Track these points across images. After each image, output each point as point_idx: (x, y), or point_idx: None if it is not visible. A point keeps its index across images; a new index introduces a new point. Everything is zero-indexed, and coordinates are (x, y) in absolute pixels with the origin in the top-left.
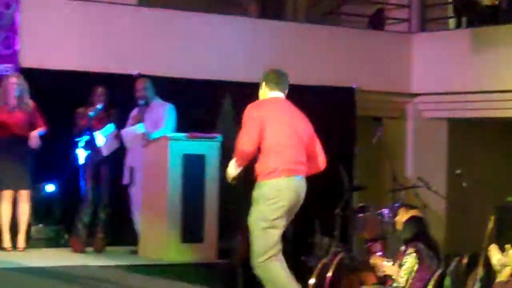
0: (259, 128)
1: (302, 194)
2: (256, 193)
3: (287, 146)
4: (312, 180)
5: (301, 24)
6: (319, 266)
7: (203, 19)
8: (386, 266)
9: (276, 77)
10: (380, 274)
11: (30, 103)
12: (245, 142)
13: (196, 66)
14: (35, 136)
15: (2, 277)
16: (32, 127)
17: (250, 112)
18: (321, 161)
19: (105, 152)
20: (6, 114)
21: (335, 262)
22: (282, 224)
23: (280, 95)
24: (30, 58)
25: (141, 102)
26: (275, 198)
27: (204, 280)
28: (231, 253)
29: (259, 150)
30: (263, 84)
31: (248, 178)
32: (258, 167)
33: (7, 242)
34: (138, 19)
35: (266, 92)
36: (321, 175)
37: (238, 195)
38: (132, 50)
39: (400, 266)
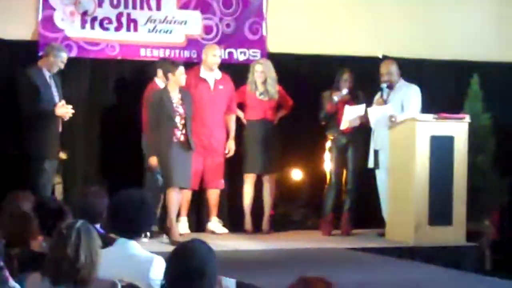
0: None
1: None
2: None
3: None
4: None
5: None
6: None
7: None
8: None
9: None
10: None
11: (277, 88)
12: None
13: (442, 46)
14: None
15: (247, 258)
16: (280, 109)
17: None
18: None
19: (343, 126)
20: (255, 98)
21: None
22: None
23: None
24: (277, 43)
25: (385, 84)
26: None
27: (452, 263)
28: (479, 236)
29: None
30: None
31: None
32: None
33: (248, 225)
34: (382, 1)
35: None
36: None
37: (487, 177)
38: (375, 32)
39: None
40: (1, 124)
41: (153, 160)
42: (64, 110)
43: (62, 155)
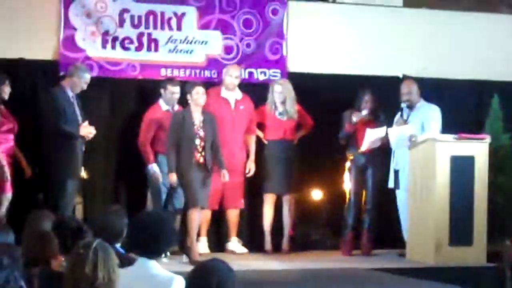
0: None
1: None
2: None
3: None
4: None
5: None
6: None
7: (467, 18)
8: None
9: None
10: None
11: (296, 108)
12: None
13: (462, 66)
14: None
15: (267, 278)
16: (300, 129)
17: None
18: None
19: (364, 148)
20: (274, 118)
21: None
22: None
23: None
24: (297, 63)
25: (406, 104)
26: None
27: (473, 284)
28: (500, 256)
29: None
30: None
31: None
32: None
33: (268, 245)
34: (402, 20)
35: None
36: None
37: (507, 197)
38: (396, 52)
39: None
40: (22, 144)
41: (172, 177)
42: (88, 130)
43: (83, 175)
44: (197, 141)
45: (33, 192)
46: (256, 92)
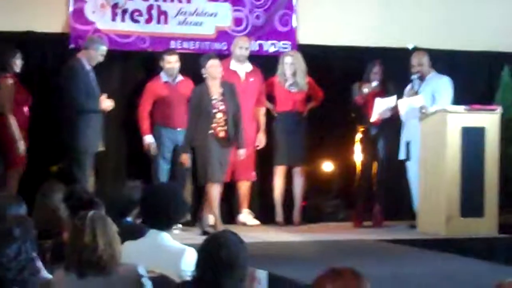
0: None
1: None
2: None
3: None
4: None
5: None
6: None
7: None
8: None
9: None
10: None
11: (306, 80)
12: None
13: (473, 38)
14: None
15: (279, 250)
16: (310, 101)
17: None
18: None
19: (374, 118)
20: (284, 90)
21: None
22: None
23: None
24: (307, 34)
25: (416, 76)
26: None
27: (484, 255)
28: (511, 228)
29: None
30: None
31: None
32: None
33: (279, 216)
34: None
35: None
36: None
37: None
38: (407, 23)
39: None
40: (35, 117)
41: (183, 157)
42: (107, 104)
43: (101, 147)
44: (219, 115)
45: (47, 164)
46: (265, 64)
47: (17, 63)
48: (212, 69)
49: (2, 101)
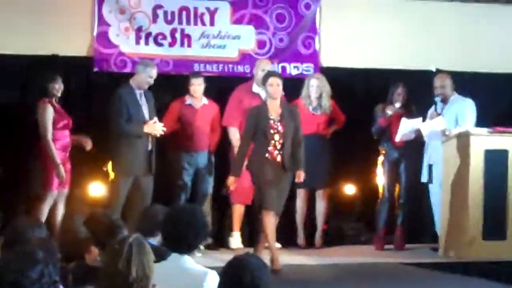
0: None
1: None
2: None
3: None
4: None
5: None
6: None
7: (500, 11)
8: None
9: None
10: None
11: (330, 103)
12: None
13: (496, 59)
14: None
15: (300, 273)
16: (332, 124)
17: None
18: None
19: (398, 138)
20: (308, 113)
21: None
22: None
23: None
24: (330, 57)
25: (439, 98)
26: None
27: (507, 278)
28: None
29: None
30: None
31: None
32: None
33: (301, 239)
34: (435, 13)
35: None
36: None
37: None
38: (430, 45)
39: None
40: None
41: (230, 180)
42: (153, 128)
43: (145, 172)
44: (276, 137)
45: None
46: (288, 86)
47: (57, 88)
48: (272, 88)
49: (42, 125)
